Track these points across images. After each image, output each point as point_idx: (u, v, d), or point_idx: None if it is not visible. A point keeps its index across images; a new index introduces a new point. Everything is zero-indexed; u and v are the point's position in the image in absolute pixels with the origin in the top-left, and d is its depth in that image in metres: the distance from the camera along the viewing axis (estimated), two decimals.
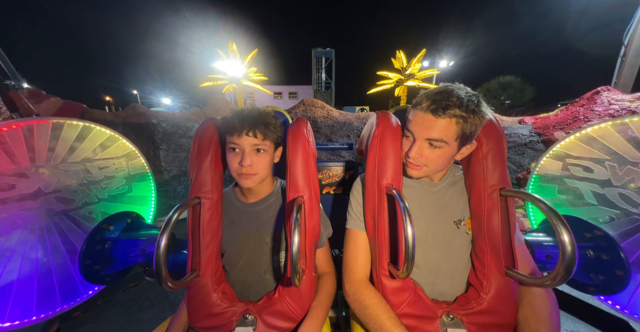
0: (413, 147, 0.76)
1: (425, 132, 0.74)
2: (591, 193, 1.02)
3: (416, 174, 0.80)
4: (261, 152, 0.82)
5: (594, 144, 1.05)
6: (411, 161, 0.78)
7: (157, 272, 0.64)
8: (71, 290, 1.01)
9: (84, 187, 1.11)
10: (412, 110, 0.78)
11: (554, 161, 1.14)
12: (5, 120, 0.94)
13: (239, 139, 0.79)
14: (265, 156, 0.83)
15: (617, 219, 0.95)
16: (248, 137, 0.78)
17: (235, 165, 0.80)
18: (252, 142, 0.79)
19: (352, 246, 0.86)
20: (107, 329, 1.31)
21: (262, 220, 0.91)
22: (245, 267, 0.89)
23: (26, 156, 0.97)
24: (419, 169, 0.79)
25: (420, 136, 0.75)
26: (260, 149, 0.82)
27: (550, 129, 4.26)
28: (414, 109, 0.77)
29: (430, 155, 0.76)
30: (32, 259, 0.94)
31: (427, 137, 0.74)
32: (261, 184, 0.90)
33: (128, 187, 1.28)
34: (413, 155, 0.76)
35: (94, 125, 1.16)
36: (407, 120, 0.81)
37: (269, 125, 0.81)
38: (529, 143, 4.40)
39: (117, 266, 1.07)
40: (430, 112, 0.72)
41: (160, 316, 0.98)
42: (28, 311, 0.90)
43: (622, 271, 0.81)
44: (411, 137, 0.78)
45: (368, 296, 0.78)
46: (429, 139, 0.74)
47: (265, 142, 0.81)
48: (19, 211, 0.94)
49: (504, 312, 0.73)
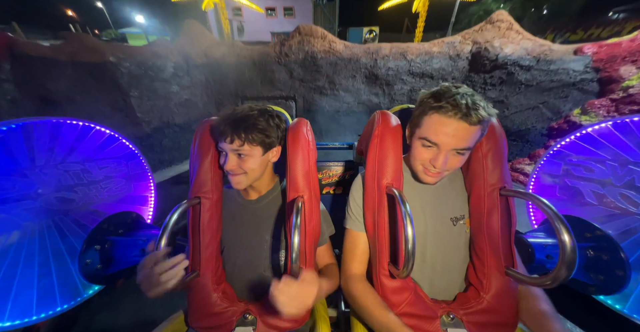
0: (439, 157, 0.69)
1: (459, 143, 0.66)
2: (591, 193, 1.02)
3: (434, 181, 0.76)
4: (243, 156, 0.82)
5: (595, 144, 1.05)
6: (434, 172, 0.73)
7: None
8: (71, 290, 1.01)
9: (84, 187, 1.11)
10: (429, 115, 0.69)
11: (554, 161, 1.14)
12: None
13: (223, 144, 0.80)
14: (248, 159, 0.82)
15: (617, 219, 0.95)
16: (226, 143, 0.79)
17: (221, 164, 0.83)
18: (232, 148, 0.80)
19: (349, 246, 0.88)
20: (123, 315, 1.33)
21: (262, 217, 0.92)
22: (245, 265, 0.89)
23: (26, 156, 0.97)
24: (439, 176, 0.74)
25: (447, 148, 0.68)
26: (242, 154, 0.81)
27: (618, 62, 2.96)
28: (435, 113, 0.68)
29: (454, 163, 0.71)
30: (32, 259, 0.94)
31: (459, 147, 0.67)
32: (259, 182, 0.91)
33: (128, 187, 1.28)
34: (440, 166, 0.69)
35: (94, 125, 1.16)
36: (420, 124, 0.72)
37: (254, 129, 0.79)
38: (578, 83, 3.32)
39: (117, 266, 1.07)
40: (463, 120, 0.64)
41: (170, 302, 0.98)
42: (28, 310, 0.90)
43: (622, 271, 0.81)
44: (434, 147, 0.70)
45: (355, 287, 0.81)
46: (459, 149, 0.67)
47: (245, 147, 0.80)
48: (19, 211, 0.94)
49: (503, 311, 0.73)
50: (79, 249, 1.03)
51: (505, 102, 3.95)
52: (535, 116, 3.79)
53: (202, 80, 4.32)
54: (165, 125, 3.60)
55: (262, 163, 0.86)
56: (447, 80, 4.04)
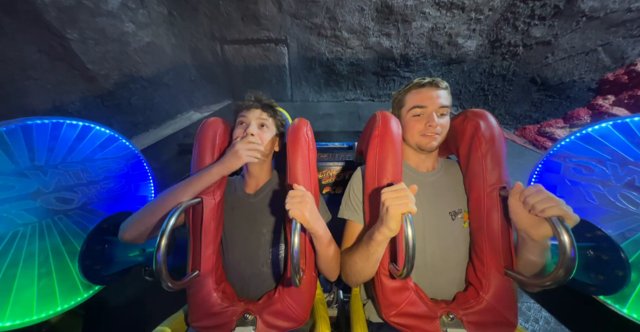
0: (431, 117, 0.85)
1: (438, 101, 0.85)
2: (592, 193, 1.02)
3: (436, 144, 0.88)
4: (264, 128, 0.92)
5: (595, 144, 1.05)
6: (432, 132, 0.86)
7: (157, 272, 0.64)
8: (71, 290, 1.01)
9: (84, 187, 1.11)
10: (409, 93, 0.91)
11: (554, 161, 1.14)
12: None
13: (247, 111, 0.90)
14: (267, 131, 0.93)
15: (618, 219, 0.95)
16: (256, 109, 0.90)
17: (241, 134, 0.89)
18: (258, 115, 0.90)
19: (349, 236, 0.89)
20: (122, 315, 1.34)
21: (260, 210, 0.94)
22: (243, 260, 0.90)
23: (26, 156, 0.97)
24: (437, 138, 0.87)
25: (434, 107, 0.85)
26: (264, 124, 0.92)
27: None
28: (413, 90, 0.90)
29: (443, 123, 0.87)
30: (32, 259, 0.94)
31: (440, 105, 0.85)
32: (261, 169, 0.97)
33: (128, 187, 1.28)
34: (434, 124, 0.84)
35: (94, 125, 1.16)
36: (406, 103, 0.91)
37: (275, 109, 0.96)
38: None
39: (117, 266, 1.07)
40: (433, 86, 0.87)
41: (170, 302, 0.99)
42: (28, 310, 0.90)
43: (622, 271, 0.81)
44: (423, 112, 0.87)
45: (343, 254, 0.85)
46: (441, 107, 0.86)
47: (269, 119, 0.93)
48: (18, 211, 0.94)
49: (503, 311, 0.73)
50: (79, 249, 1.03)
51: (552, 43, 2.86)
52: (587, 64, 2.81)
53: (165, 15, 3.11)
54: (129, 79, 2.74)
55: (272, 142, 0.96)
56: (483, 11, 2.90)
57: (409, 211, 0.60)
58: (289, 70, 3.46)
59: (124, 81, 2.73)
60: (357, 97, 3.70)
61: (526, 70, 2.96)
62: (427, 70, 3.35)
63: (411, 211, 0.60)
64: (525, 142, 2.82)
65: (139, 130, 2.92)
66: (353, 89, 3.64)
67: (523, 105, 3.07)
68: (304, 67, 3.47)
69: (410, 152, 0.94)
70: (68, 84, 2.28)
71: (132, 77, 2.80)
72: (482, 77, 3.30)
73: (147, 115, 2.97)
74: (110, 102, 2.59)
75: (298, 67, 3.46)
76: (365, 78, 3.50)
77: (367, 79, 3.50)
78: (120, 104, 2.67)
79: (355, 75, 3.51)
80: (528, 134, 2.89)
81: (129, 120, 2.74)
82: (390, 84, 3.57)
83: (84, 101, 2.41)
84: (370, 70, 3.45)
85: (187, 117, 3.32)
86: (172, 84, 3.11)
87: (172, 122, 3.18)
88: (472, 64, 3.29)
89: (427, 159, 0.94)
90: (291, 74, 3.51)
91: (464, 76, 3.40)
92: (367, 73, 3.49)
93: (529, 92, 2.98)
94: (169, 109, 3.19)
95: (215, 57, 3.36)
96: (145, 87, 2.90)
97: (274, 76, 3.49)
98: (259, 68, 3.43)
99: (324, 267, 0.84)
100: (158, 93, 3.08)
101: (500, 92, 3.20)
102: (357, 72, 3.48)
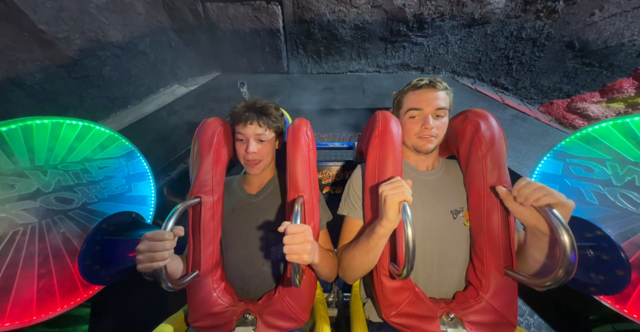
0: (427, 119, 0.85)
1: (434, 103, 0.85)
2: (592, 193, 1.02)
3: (432, 146, 0.88)
4: (264, 142, 0.92)
5: (595, 144, 1.05)
6: (427, 134, 0.86)
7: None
8: (71, 290, 1.01)
9: (84, 187, 1.11)
10: (407, 94, 0.91)
11: (554, 161, 1.14)
12: None
13: (244, 128, 0.89)
14: (268, 144, 0.93)
15: (618, 219, 0.95)
16: (251, 126, 0.88)
17: (243, 152, 0.90)
18: (256, 133, 0.89)
19: (347, 233, 0.89)
20: (122, 315, 1.34)
21: (261, 211, 0.94)
22: (243, 260, 0.90)
23: (25, 156, 0.97)
24: (433, 140, 0.87)
25: (430, 109, 0.85)
26: (262, 139, 0.91)
27: None
28: (410, 92, 0.90)
29: (439, 125, 0.87)
30: (31, 259, 0.94)
31: (436, 107, 0.85)
32: (264, 171, 0.98)
33: (128, 187, 1.28)
34: (430, 126, 0.84)
35: (94, 125, 1.16)
36: (404, 104, 0.91)
37: (271, 116, 0.92)
38: None
39: (117, 266, 1.07)
40: (430, 87, 0.86)
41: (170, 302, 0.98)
42: (28, 310, 0.90)
43: (622, 271, 0.81)
44: (419, 115, 0.87)
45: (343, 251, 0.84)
46: (437, 109, 0.85)
47: (267, 132, 0.92)
48: (18, 211, 0.94)
49: (503, 311, 0.73)
50: (78, 249, 1.03)
51: None
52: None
53: None
54: (96, 44, 2.27)
55: (273, 149, 0.98)
56: None
57: (405, 198, 0.62)
58: (283, 36, 2.96)
59: (90, 47, 2.24)
60: (362, 68, 3.18)
61: (563, 32, 2.45)
62: (444, 34, 2.85)
63: (407, 198, 0.62)
64: (550, 119, 2.39)
65: (117, 106, 2.48)
66: (357, 59, 3.13)
67: (553, 76, 2.55)
68: (301, 31, 2.93)
69: (410, 152, 0.94)
70: (20, 50, 1.89)
71: (99, 43, 2.30)
72: (508, 42, 2.75)
73: (125, 89, 2.53)
74: (77, 74, 2.14)
75: (294, 31, 2.97)
76: (372, 45, 3.01)
77: (374, 46, 3.02)
78: (90, 76, 2.24)
79: (360, 41, 3.00)
80: (555, 110, 2.45)
81: (104, 95, 2.33)
82: (400, 52, 3.00)
83: (45, 72, 1.99)
84: (378, 35, 2.96)
85: (170, 91, 2.88)
86: (150, 52, 2.66)
87: (155, 98, 2.76)
88: (497, 26, 2.74)
89: (427, 159, 0.94)
90: (287, 41, 3.02)
91: (486, 41, 2.83)
92: (373, 39, 2.98)
93: (563, 59, 2.48)
94: (149, 82, 2.74)
95: (197, 18, 2.81)
96: (118, 56, 2.43)
97: (267, 43, 2.97)
98: (249, 33, 2.90)
99: (322, 277, 0.87)
100: (134, 63, 2.57)
101: (528, 60, 2.64)
102: (362, 37, 2.97)
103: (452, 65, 2.95)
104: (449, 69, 2.98)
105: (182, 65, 3.06)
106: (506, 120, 2.08)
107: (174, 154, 1.64)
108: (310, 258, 0.64)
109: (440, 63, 2.95)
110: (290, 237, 0.61)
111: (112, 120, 2.29)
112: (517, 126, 2.04)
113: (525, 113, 2.24)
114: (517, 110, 2.28)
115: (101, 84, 2.36)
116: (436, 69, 2.99)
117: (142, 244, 0.62)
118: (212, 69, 3.23)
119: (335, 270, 0.86)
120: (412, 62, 3.06)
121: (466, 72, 2.91)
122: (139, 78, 2.65)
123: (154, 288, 1.52)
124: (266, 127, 0.91)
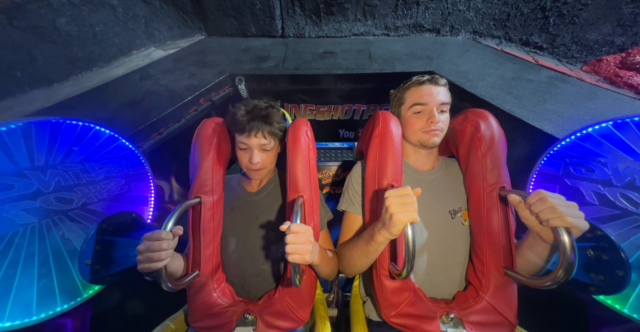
0: (431, 113, 0.86)
1: (438, 98, 0.87)
2: (592, 193, 1.02)
3: (438, 140, 0.88)
4: (268, 151, 0.90)
5: (595, 144, 1.05)
6: (433, 128, 0.86)
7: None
8: (71, 290, 1.01)
9: (84, 187, 1.11)
10: (409, 90, 0.92)
11: (554, 161, 1.14)
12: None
13: (248, 139, 0.85)
14: (272, 152, 0.92)
15: (618, 219, 0.94)
16: (256, 138, 0.85)
17: (246, 162, 0.88)
18: (260, 143, 0.86)
19: (347, 228, 0.90)
20: (122, 315, 1.32)
21: (261, 209, 0.94)
22: (244, 259, 0.90)
23: (26, 156, 0.97)
24: (439, 134, 0.88)
25: (434, 103, 0.87)
26: (267, 149, 0.89)
27: None
28: (413, 87, 0.91)
29: (443, 119, 0.88)
30: (32, 259, 0.94)
31: (440, 102, 0.87)
32: None
33: (128, 187, 1.28)
34: (436, 120, 0.85)
35: (94, 125, 1.16)
36: (406, 100, 0.92)
37: (275, 124, 0.89)
38: None
39: (117, 266, 1.07)
40: (432, 83, 0.89)
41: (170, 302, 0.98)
42: (28, 311, 0.90)
43: (622, 271, 0.81)
44: (424, 109, 0.88)
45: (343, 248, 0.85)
46: (441, 104, 0.87)
47: (271, 142, 0.89)
48: (18, 211, 0.94)
49: (503, 311, 0.74)
50: (79, 249, 1.03)
51: None
52: None
53: None
54: None
55: (276, 154, 0.96)
56: None
57: (412, 220, 0.59)
58: None
59: None
60: (368, 31, 2.57)
61: None
62: None
63: (415, 220, 0.59)
64: (598, 80, 1.94)
65: (79, 68, 2.04)
66: (363, 19, 2.51)
67: (603, 27, 2.00)
68: None
69: (411, 151, 0.94)
70: None
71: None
72: None
73: (90, 49, 2.08)
74: (22, 23, 1.68)
75: None
76: (380, 1, 2.38)
77: (382, 3, 2.39)
78: (40, 28, 1.76)
79: None
80: (604, 68, 1.98)
81: (62, 54, 1.89)
82: (413, 10, 2.36)
83: None
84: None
85: (145, 54, 2.37)
86: (117, 4, 2.15)
87: (126, 60, 2.28)
88: None
89: (427, 157, 0.94)
90: None
91: None
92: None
93: (617, 4, 1.91)
94: (120, 43, 2.25)
95: None
96: (76, 5, 1.93)
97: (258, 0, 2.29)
98: None
99: (323, 276, 0.87)
100: (99, 17, 2.09)
101: (571, 9, 2.02)
102: None
103: (474, 24, 2.34)
104: (469, 29, 2.36)
105: (160, 25, 2.50)
106: (542, 83, 1.71)
107: (144, 122, 1.38)
108: (311, 258, 0.65)
109: (460, 22, 2.34)
110: (292, 236, 0.60)
111: (71, 83, 1.86)
112: (556, 89, 1.66)
113: (565, 74, 1.84)
114: (555, 71, 1.87)
115: (57, 40, 1.83)
116: (454, 29, 2.39)
117: (142, 245, 0.63)
118: (195, 31, 2.64)
119: (336, 269, 0.86)
120: (426, 23, 2.43)
121: (490, 32, 2.31)
122: (106, 37, 2.17)
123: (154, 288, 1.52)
124: (271, 137, 0.88)
